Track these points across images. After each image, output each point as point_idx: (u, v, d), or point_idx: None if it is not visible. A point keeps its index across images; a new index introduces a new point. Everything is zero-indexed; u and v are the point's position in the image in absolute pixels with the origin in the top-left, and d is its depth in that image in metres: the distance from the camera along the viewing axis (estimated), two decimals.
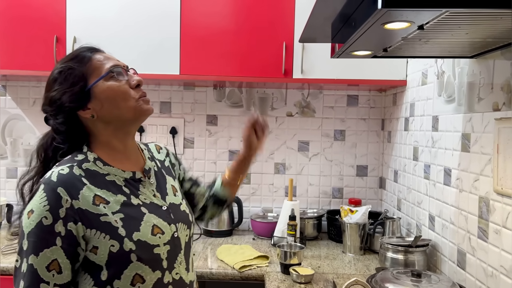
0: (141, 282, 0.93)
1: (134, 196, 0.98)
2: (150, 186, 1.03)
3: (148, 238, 0.94)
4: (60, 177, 0.90)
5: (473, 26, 0.96)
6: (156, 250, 0.95)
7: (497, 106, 1.24)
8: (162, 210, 1.01)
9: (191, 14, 1.97)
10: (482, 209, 1.31)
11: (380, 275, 1.39)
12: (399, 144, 2.09)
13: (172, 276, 0.99)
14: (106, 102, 0.96)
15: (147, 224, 0.96)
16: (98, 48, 1.03)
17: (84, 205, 0.90)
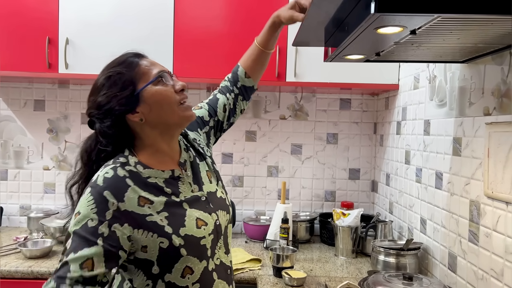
0: (190, 273, 0.98)
1: (175, 194, 1.02)
2: (188, 179, 1.07)
3: (194, 231, 0.99)
4: (106, 180, 0.94)
5: (465, 31, 0.97)
6: (202, 241, 1.01)
7: (487, 110, 1.25)
8: (202, 201, 1.06)
9: (184, 17, 1.97)
10: (473, 212, 1.32)
11: (372, 278, 1.39)
12: (391, 148, 2.10)
13: (214, 262, 1.04)
14: (154, 106, 1.00)
15: (191, 219, 1.00)
16: (143, 54, 1.07)
17: (130, 207, 0.94)
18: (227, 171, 2.38)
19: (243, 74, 1.34)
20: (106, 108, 0.98)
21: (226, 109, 1.32)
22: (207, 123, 1.28)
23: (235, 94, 1.34)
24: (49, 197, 2.37)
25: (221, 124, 1.32)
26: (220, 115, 1.31)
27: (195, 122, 1.24)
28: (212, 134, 1.30)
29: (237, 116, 1.37)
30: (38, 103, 2.36)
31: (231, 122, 1.36)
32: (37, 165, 2.37)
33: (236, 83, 1.35)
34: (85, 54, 1.97)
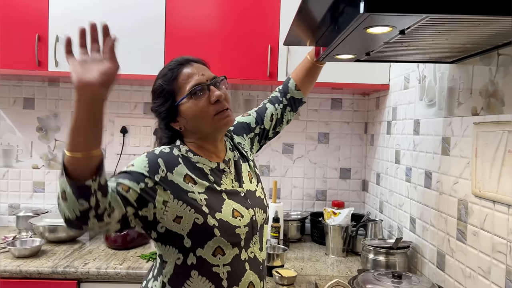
0: (221, 254, 1.04)
1: (217, 184, 1.09)
2: (230, 176, 1.14)
3: (230, 219, 1.05)
4: (162, 153, 1.06)
5: (453, 31, 0.98)
6: (237, 230, 1.06)
7: (475, 110, 1.27)
8: (240, 197, 1.12)
9: (176, 15, 1.97)
10: (461, 211, 1.34)
11: (362, 276, 1.40)
12: (382, 147, 2.12)
13: (248, 254, 1.10)
14: (190, 119, 1.09)
15: (227, 208, 1.07)
16: (188, 60, 1.13)
17: (176, 179, 1.03)
18: None
19: (293, 86, 1.43)
20: (156, 114, 1.13)
21: (273, 118, 1.39)
22: (253, 130, 1.35)
23: (284, 105, 1.41)
24: (38, 196, 2.35)
25: (266, 132, 1.38)
26: (266, 124, 1.38)
27: (241, 127, 1.33)
28: (257, 140, 1.37)
29: (283, 125, 1.44)
30: (28, 101, 2.34)
31: (276, 131, 1.43)
32: (26, 163, 2.35)
33: (286, 95, 1.43)
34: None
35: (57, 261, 1.75)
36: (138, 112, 2.35)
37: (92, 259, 1.79)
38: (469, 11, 0.81)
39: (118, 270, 1.68)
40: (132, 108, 2.35)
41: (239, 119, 1.36)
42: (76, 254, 1.86)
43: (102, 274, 1.68)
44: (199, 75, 1.10)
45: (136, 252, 1.92)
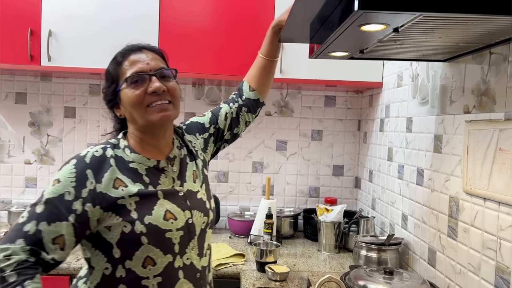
0: (152, 264, 0.99)
1: (153, 184, 1.04)
2: (172, 174, 1.08)
3: (160, 222, 0.99)
4: (93, 158, 1.00)
5: (446, 30, 0.99)
6: (168, 234, 1.00)
7: (467, 108, 1.28)
8: (179, 196, 1.06)
9: (170, 11, 1.96)
10: (452, 208, 1.35)
11: (354, 272, 1.41)
12: (375, 145, 2.13)
13: (183, 261, 1.04)
14: (126, 106, 1.06)
15: (160, 209, 1.01)
16: (140, 47, 1.09)
17: (105, 189, 0.97)
18: (212, 167, 2.38)
19: (247, 88, 1.39)
20: (103, 97, 1.11)
21: (228, 117, 1.34)
22: (207, 130, 1.30)
23: (239, 105, 1.37)
24: (30, 191, 2.33)
25: (222, 132, 1.33)
26: (221, 123, 1.33)
27: (194, 126, 1.28)
28: (212, 141, 1.31)
29: (241, 127, 1.38)
30: (20, 96, 2.31)
31: (235, 133, 1.37)
32: (18, 159, 2.33)
33: (241, 96, 1.39)
34: (68, 47, 1.94)
35: None
36: None
37: None
38: (463, 10, 0.81)
39: None
40: None
41: (193, 119, 1.32)
42: None
43: None
44: (144, 64, 1.05)
45: None
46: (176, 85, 1.09)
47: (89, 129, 2.33)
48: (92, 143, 2.32)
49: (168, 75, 1.08)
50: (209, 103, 2.36)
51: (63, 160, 2.32)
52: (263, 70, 1.39)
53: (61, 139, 2.33)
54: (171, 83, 1.08)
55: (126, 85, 1.04)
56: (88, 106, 2.32)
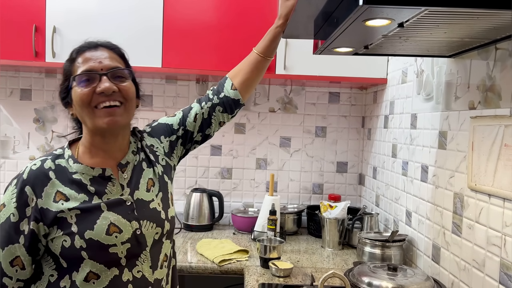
0: (95, 278, 0.95)
1: (98, 194, 0.99)
2: (122, 181, 1.03)
3: (102, 237, 0.95)
4: (30, 173, 0.97)
5: (451, 25, 0.98)
6: (112, 249, 0.96)
7: (473, 104, 1.28)
8: (125, 206, 1.01)
9: (174, 6, 1.96)
10: (456, 205, 1.35)
11: (357, 268, 1.41)
12: (379, 141, 2.13)
13: (133, 274, 0.99)
14: (75, 105, 1.01)
15: (103, 223, 0.96)
16: (97, 44, 1.05)
17: (46, 204, 0.95)
18: (216, 163, 2.38)
19: (229, 86, 1.27)
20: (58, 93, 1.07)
21: (197, 119, 1.23)
22: (175, 132, 1.21)
23: (213, 104, 1.25)
24: None
25: (191, 134, 1.23)
26: (189, 125, 1.22)
27: (161, 128, 1.21)
28: (180, 143, 1.22)
29: (213, 127, 1.26)
30: (25, 92, 2.32)
31: (206, 134, 1.25)
32: (23, 155, 2.34)
33: (219, 94, 1.26)
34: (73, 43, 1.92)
35: None
36: None
37: None
38: (468, 4, 0.81)
39: None
40: None
41: (162, 119, 1.24)
42: None
43: None
44: (96, 62, 0.99)
45: None
46: (130, 86, 1.03)
47: None
48: None
49: (122, 75, 1.02)
50: None
51: None
52: (254, 68, 1.28)
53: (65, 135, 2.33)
54: (124, 83, 1.02)
55: (75, 83, 0.99)
56: None
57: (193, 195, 2.24)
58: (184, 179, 2.38)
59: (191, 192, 2.26)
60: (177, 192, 2.37)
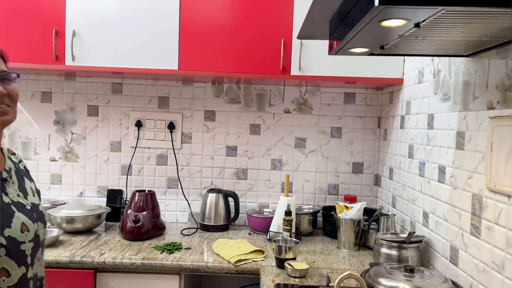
0: (6, 276, 0.96)
1: (4, 193, 1.01)
2: (13, 186, 1.05)
3: (18, 234, 0.98)
4: None
5: (469, 24, 0.97)
6: (22, 246, 0.99)
7: (491, 104, 1.26)
8: (27, 209, 1.05)
9: (190, 9, 1.98)
10: (475, 206, 1.33)
11: (374, 270, 1.41)
12: (395, 142, 2.11)
13: (33, 272, 1.04)
14: None
15: (17, 222, 0.99)
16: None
17: None
18: (231, 164, 2.40)
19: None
20: None
21: None
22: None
23: None
24: (55, 188, 2.40)
25: None
26: None
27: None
28: None
29: None
30: (45, 95, 2.38)
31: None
32: (44, 156, 2.40)
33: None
34: (92, 47, 1.99)
35: (74, 251, 1.80)
36: (153, 106, 2.38)
37: (108, 250, 1.83)
38: (486, 3, 0.80)
39: (133, 261, 1.72)
40: (147, 102, 2.38)
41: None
42: (92, 244, 1.90)
43: (118, 264, 1.71)
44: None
45: (151, 243, 1.95)
46: (17, 90, 1.06)
47: (112, 127, 2.38)
48: (115, 141, 2.37)
49: (9, 78, 1.04)
50: (228, 101, 2.38)
51: (86, 157, 2.38)
52: None
53: (84, 136, 2.38)
54: (11, 86, 1.03)
55: None
56: (111, 105, 2.37)
57: (209, 196, 2.26)
58: (200, 179, 2.40)
59: (207, 193, 2.28)
60: (193, 192, 2.40)
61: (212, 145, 2.40)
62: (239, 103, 2.38)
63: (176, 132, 2.38)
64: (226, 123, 2.39)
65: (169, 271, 1.74)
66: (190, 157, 2.39)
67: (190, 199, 2.39)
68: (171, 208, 2.41)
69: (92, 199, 2.40)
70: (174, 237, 2.08)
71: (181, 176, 2.39)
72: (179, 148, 2.39)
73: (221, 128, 2.39)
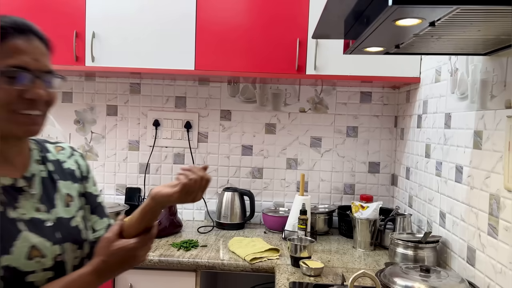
0: None
1: (12, 207, 0.81)
2: (31, 198, 0.85)
3: (22, 263, 0.78)
4: None
5: (485, 23, 0.96)
6: (30, 277, 0.79)
7: (509, 103, 1.24)
8: (46, 227, 0.84)
9: (206, 10, 2.01)
10: (492, 206, 1.31)
11: (389, 269, 1.40)
12: (412, 141, 2.09)
13: None
14: None
15: (23, 245, 0.79)
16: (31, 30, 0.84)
17: None
18: (247, 163, 2.41)
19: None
20: None
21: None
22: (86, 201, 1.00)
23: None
24: None
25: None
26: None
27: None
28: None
29: None
30: (66, 95, 2.44)
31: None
32: None
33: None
34: (111, 47, 2.03)
35: None
36: (170, 106, 2.42)
37: None
38: (503, 2, 0.80)
39: (151, 258, 1.75)
40: (164, 102, 2.42)
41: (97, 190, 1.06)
42: None
43: None
44: (31, 59, 0.81)
45: (168, 240, 1.99)
46: (57, 95, 0.89)
47: (130, 126, 2.42)
48: (133, 140, 2.42)
49: (52, 81, 0.86)
50: (244, 100, 2.40)
51: (106, 156, 2.44)
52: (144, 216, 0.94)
53: (104, 136, 2.44)
54: (53, 91, 0.87)
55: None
56: (129, 104, 2.41)
57: (225, 194, 2.28)
58: (216, 178, 2.42)
59: (223, 191, 2.30)
60: (209, 191, 2.42)
61: (228, 144, 2.42)
62: (254, 103, 2.40)
63: (193, 132, 2.41)
64: (242, 123, 2.41)
65: (185, 268, 1.76)
66: (207, 156, 2.42)
67: (207, 198, 2.42)
68: (187, 206, 2.44)
69: (111, 197, 2.45)
70: (191, 235, 2.11)
71: None
72: (195, 147, 2.42)
73: (237, 128, 2.41)
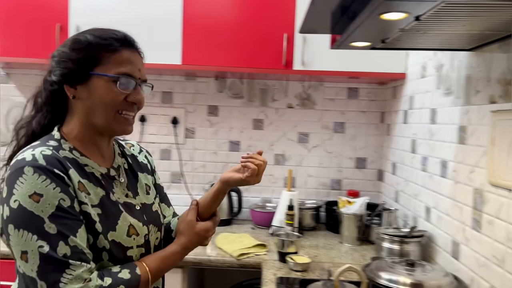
0: None
1: (111, 192, 0.94)
2: (122, 185, 0.99)
3: (123, 239, 0.91)
4: (48, 158, 0.85)
5: (470, 17, 0.97)
6: (129, 252, 0.93)
7: (493, 98, 1.25)
8: (136, 210, 0.98)
9: (193, 3, 1.98)
10: (476, 200, 1.33)
11: (375, 264, 1.41)
12: (398, 137, 2.11)
13: None
14: (93, 96, 0.91)
15: (124, 224, 0.92)
16: (133, 45, 0.99)
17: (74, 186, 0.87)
18: (235, 159, 2.40)
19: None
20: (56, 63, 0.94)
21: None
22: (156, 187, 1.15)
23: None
24: None
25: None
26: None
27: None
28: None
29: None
30: None
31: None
32: None
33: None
34: None
35: None
36: (156, 101, 2.39)
37: None
38: None
39: None
40: (150, 97, 2.38)
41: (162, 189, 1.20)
42: None
43: None
44: (136, 69, 0.95)
45: None
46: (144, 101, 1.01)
47: None
48: None
49: (145, 90, 1.00)
50: (231, 96, 2.38)
51: None
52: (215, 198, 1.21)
53: None
54: (144, 97, 1.00)
55: (108, 79, 0.91)
56: None
57: None
58: (204, 174, 2.41)
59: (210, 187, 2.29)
60: (197, 187, 2.41)
61: (215, 140, 2.40)
62: (242, 98, 2.39)
63: (180, 127, 2.39)
64: (229, 118, 2.39)
65: None
66: (194, 152, 2.40)
67: (194, 194, 2.40)
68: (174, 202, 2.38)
69: None
70: None
71: (185, 171, 2.41)
72: (182, 143, 2.40)
73: (224, 123, 2.40)
